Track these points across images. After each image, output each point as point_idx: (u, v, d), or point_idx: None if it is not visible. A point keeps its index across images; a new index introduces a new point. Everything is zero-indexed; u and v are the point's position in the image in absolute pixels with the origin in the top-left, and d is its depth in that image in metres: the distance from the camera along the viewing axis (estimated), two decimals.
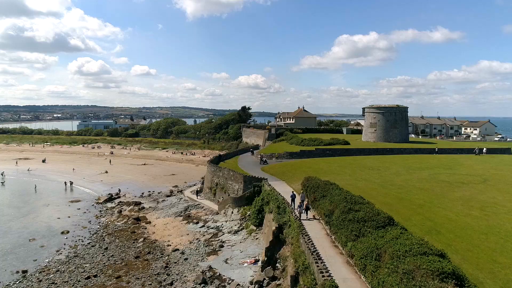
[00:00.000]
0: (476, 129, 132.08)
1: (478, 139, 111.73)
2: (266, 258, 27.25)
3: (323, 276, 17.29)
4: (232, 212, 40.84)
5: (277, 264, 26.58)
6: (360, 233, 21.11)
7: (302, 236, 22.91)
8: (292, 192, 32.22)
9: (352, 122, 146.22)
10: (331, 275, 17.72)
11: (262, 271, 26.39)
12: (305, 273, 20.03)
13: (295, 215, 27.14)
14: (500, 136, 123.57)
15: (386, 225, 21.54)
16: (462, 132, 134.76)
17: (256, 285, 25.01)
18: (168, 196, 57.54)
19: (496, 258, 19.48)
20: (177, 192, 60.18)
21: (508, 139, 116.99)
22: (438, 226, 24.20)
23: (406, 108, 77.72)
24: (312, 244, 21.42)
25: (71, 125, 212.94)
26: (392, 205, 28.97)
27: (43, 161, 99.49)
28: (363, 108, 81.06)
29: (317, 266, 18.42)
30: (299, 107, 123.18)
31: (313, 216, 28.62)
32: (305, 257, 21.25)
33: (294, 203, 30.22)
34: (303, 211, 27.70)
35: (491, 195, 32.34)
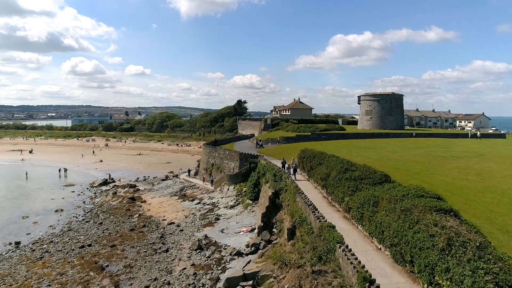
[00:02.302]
0: (470, 122, 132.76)
1: (473, 131, 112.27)
2: (262, 224, 27.09)
3: (320, 221, 17.14)
4: (228, 189, 40.61)
5: (274, 229, 26.42)
6: (357, 190, 20.98)
7: (299, 194, 22.77)
8: (283, 159, 33.35)
9: (346, 116, 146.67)
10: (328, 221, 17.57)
11: (258, 235, 26.22)
12: (301, 225, 19.89)
13: (291, 179, 27.11)
14: (494, 128, 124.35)
15: (383, 182, 21.47)
16: (457, 125, 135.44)
17: (253, 248, 24.82)
18: (163, 180, 57.16)
19: (493, 209, 19.48)
20: (173, 176, 59.81)
21: (502, 131, 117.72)
22: (434, 187, 24.08)
23: (402, 95, 77.93)
24: (309, 199, 21.28)
25: (65, 123, 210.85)
26: (389, 173, 28.49)
27: (30, 151, 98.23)
28: (359, 96, 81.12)
29: (314, 215, 18.28)
30: (294, 99, 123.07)
31: (308, 179, 29.04)
32: (301, 212, 21.11)
33: (284, 169, 31.71)
34: (292, 172, 29.33)
35: (486, 165, 32.45)
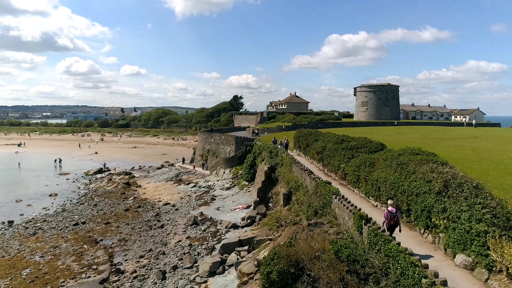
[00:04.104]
0: (465, 117, 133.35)
1: (468, 121, 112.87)
2: (258, 199, 26.93)
3: (315, 181, 17.00)
4: (224, 172, 40.41)
5: (270, 204, 26.27)
6: (353, 157, 20.86)
7: (295, 164, 22.64)
8: (274, 137, 34.08)
9: (343, 112, 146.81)
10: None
11: (254, 209, 26.07)
12: (297, 190, 19.76)
13: (287, 153, 27.09)
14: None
15: (379, 150, 21.43)
16: (452, 120, 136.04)
17: (249, 220, 24.67)
18: (159, 168, 56.78)
19: (489, 173, 19.42)
20: (168, 165, 59.43)
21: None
22: None
23: (397, 86, 78.05)
24: (305, 166, 21.15)
25: (60, 121, 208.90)
26: None
27: (19, 145, 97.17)
28: (355, 88, 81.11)
29: (310, 177, 18.15)
30: (291, 93, 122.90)
31: (299, 154, 29.23)
32: (297, 179, 20.99)
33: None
34: (283, 148, 29.94)
35: (482, 144, 32.49)
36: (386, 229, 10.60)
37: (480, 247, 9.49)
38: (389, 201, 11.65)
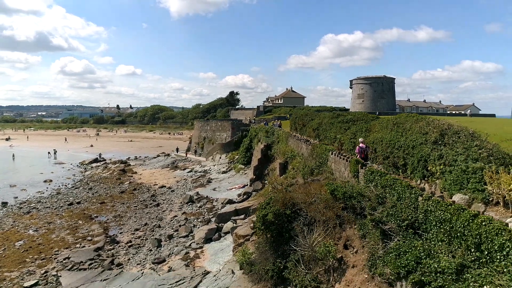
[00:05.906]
0: (461, 112, 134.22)
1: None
2: (254, 176, 26.86)
3: (311, 146, 16.95)
4: (220, 157, 40.30)
5: (266, 181, 26.19)
6: (349, 129, 20.88)
7: (291, 137, 22.59)
8: (265, 120, 34.35)
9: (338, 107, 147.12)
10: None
11: (250, 186, 25.99)
12: (293, 159, 19.71)
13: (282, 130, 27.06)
14: None
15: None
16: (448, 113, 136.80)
17: (245, 196, 24.58)
18: (154, 158, 56.57)
19: None
20: (165, 155, 59.19)
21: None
22: None
23: (393, 79, 78.29)
24: (301, 136, 21.11)
25: (56, 119, 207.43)
26: None
27: (7, 139, 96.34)
28: (351, 81, 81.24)
29: (306, 144, 18.10)
30: (287, 88, 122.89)
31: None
32: (293, 149, 20.94)
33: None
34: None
35: (478, 126, 32.32)
36: None
37: (476, 183, 9.46)
38: (360, 139, 13.54)
